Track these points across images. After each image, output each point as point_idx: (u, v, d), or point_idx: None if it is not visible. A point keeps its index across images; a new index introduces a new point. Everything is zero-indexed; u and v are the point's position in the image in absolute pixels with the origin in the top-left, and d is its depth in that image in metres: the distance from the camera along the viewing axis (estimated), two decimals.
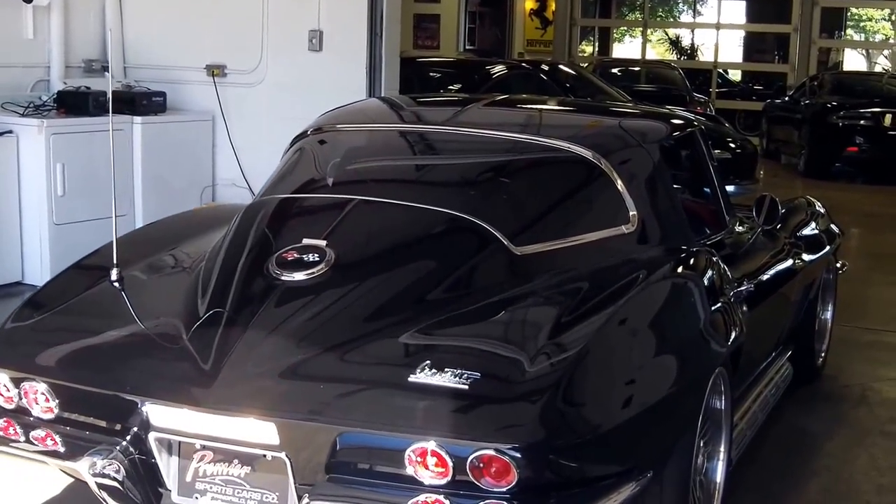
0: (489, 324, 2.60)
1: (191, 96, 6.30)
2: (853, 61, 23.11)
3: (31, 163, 5.39)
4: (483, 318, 2.61)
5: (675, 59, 21.79)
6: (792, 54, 17.27)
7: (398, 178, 3.42)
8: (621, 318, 2.63)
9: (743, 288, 3.28)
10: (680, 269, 3.03)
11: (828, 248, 4.49)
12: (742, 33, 21.18)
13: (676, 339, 2.78)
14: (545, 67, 10.22)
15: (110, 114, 3.50)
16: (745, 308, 3.23)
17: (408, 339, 2.50)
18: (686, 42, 22.95)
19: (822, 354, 4.68)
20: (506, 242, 2.85)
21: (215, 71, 6.24)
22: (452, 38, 14.21)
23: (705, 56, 21.05)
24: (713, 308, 2.96)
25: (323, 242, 2.79)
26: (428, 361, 2.34)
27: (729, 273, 3.21)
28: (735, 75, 20.31)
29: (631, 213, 3.09)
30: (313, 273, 2.68)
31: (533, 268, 2.83)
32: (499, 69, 9.24)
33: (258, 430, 2.36)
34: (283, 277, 2.68)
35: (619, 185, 3.11)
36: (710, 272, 3.07)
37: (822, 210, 4.77)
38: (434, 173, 3.44)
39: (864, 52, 24.65)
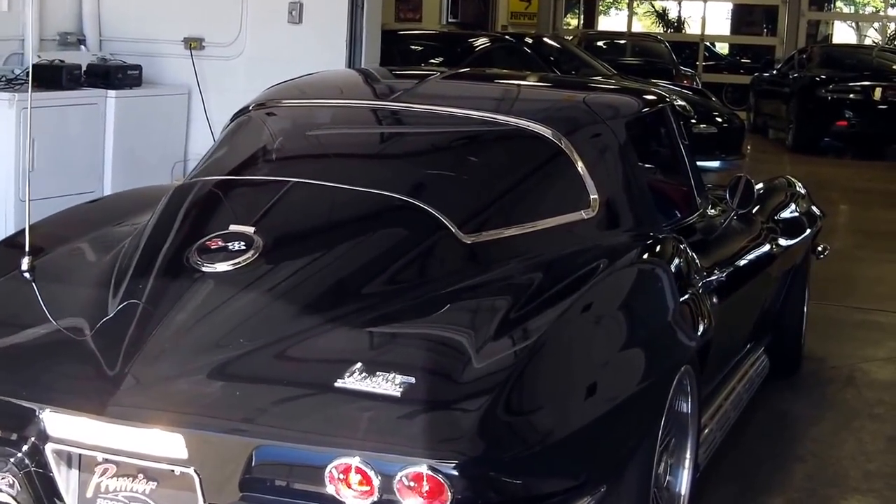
0: (430, 321, 2.41)
1: (167, 70, 6.24)
2: (843, 34, 23.14)
3: (1, 137, 5.33)
4: (424, 314, 2.43)
5: (662, 31, 21.77)
6: (780, 27, 17.29)
7: (340, 159, 3.22)
8: (577, 312, 2.48)
9: (713, 277, 3.15)
10: (644, 258, 2.88)
11: (808, 231, 4.35)
12: (730, 6, 21.15)
13: (638, 335, 2.60)
14: (529, 40, 10.19)
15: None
16: (715, 299, 3.09)
17: (337, 338, 2.32)
18: (673, 14, 22.94)
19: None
20: (453, 229, 2.67)
21: (193, 44, 6.18)
22: (435, 10, 14.10)
23: (692, 29, 21.05)
24: (680, 300, 2.82)
25: (251, 229, 2.59)
26: (359, 364, 2.16)
27: (698, 261, 3.07)
28: (722, 48, 20.33)
29: (592, 197, 2.93)
30: (238, 263, 2.48)
31: (483, 257, 2.67)
32: (482, 42, 9.22)
33: (165, 443, 2.16)
34: (203, 268, 2.49)
35: (580, 166, 2.96)
36: (677, 260, 2.93)
37: (803, 191, 4.65)
38: (379, 153, 3.26)
39: (853, 24, 24.70)
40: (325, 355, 2.30)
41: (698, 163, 11.37)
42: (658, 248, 2.95)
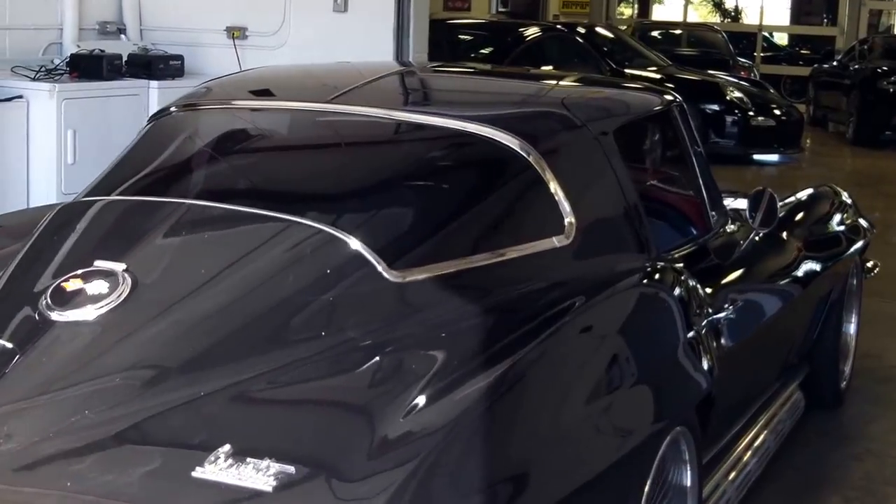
0: (329, 387, 1.95)
1: (210, 60, 6.18)
2: None
3: (41, 129, 5.31)
4: (322, 377, 1.96)
5: (719, 21, 21.44)
6: (841, 16, 16.92)
7: (253, 174, 2.71)
8: (527, 371, 1.95)
9: (724, 313, 2.65)
10: (630, 294, 2.41)
11: (854, 247, 3.84)
12: None
13: (614, 395, 2.10)
14: (581, 30, 10.06)
15: None
16: (726, 338, 2.63)
17: (206, 411, 1.86)
18: (730, 4, 22.58)
19: (846, 377, 4.01)
20: (379, 266, 2.15)
21: (236, 33, 6.12)
22: None
23: (750, 18, 20.70)
24: (675, 346, 2.37)
25: (121, 266, 2.14)
26: (227, 447, 1.71)
27: (705, 293, 2.62)
28: (781, 39, 19.96)
29: (566, 221, 2.40)
30: (100, 308, 2.04)
31: (415, 300, 2.15)
32: (532, 32, 9.08)
33: None
34: (53, 316, 2.05)
35: (551, 182, 2.43)
36: (674, 295, 2.47)
37: (850, 201, 4.12)
38: (300, 167, 2.73)
39: None
40: (183, 434, 1.83)
41: (756, 156, 11.14)
42: (650, 282, 2.50)
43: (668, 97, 3.14)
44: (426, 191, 2.53)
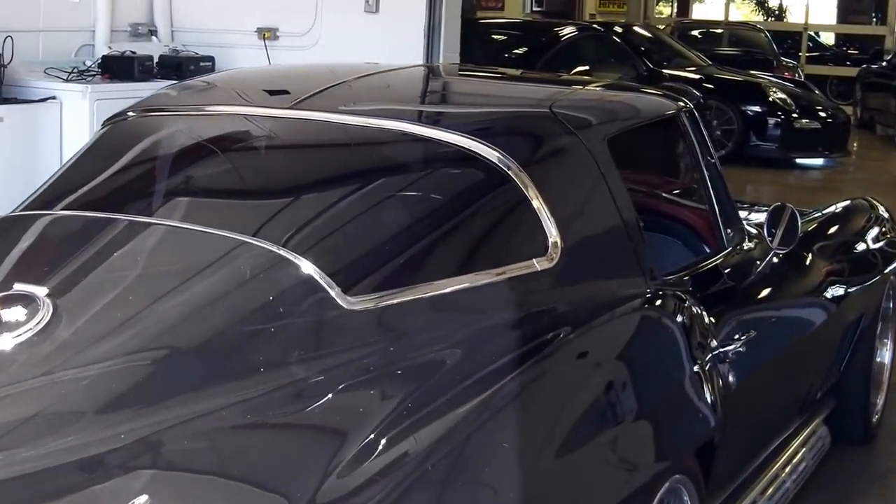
0: (269, 430, 1.76)
1: (241, 61, 6.30)
2: None
3: (74, 130, 5.47)
4: (261, 419, 1.76)
5: (762, 20, 21.35)
6: (891, 15, 16.79)
7: (199, 189, 2.51)
8: (497, 413, 1.79)
9: (731, 346, 2.46)
10: (621, 325, 2.22)
11: (890, 267, 3.61)
12: None
13: (597, 440, 1.94)
14: (618, 30, 10.12)
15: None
16: (732, 376, 2.45)
17: (120, 463, 1.65)
18: (774, 2, 22.46)
19: (878, 410, 3.75)
20: (332, 292, 1.96)
21: (266, 34, 6.25)
22: None
23: (795, 17, 20.57)
24: (671, 386, 2.21)
25: (42, 290, 1.96)
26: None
27: (711, 322, 2.44)
28: (827, 38, 19.83)
29: (551, 241, 2.20)
30: (17, 336, 1.87)
31: (373, 330, 1.96)
32: (568, 31, 9.16)
33: None
34: None
35: (534, 197, 2.23)
36: (673, 326, 2.30)
37: (887, 215, 3.88)
38: (251, 181, 2.53)
39: None
40: (95, 492, 1.63)
41: (799, 160, 11.06)
42: (646, 310, 2.31)
43: (676, 102, 2.97)
44: (390, 207, 2.31)
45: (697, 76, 10.31)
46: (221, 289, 2.03)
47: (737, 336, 2.52)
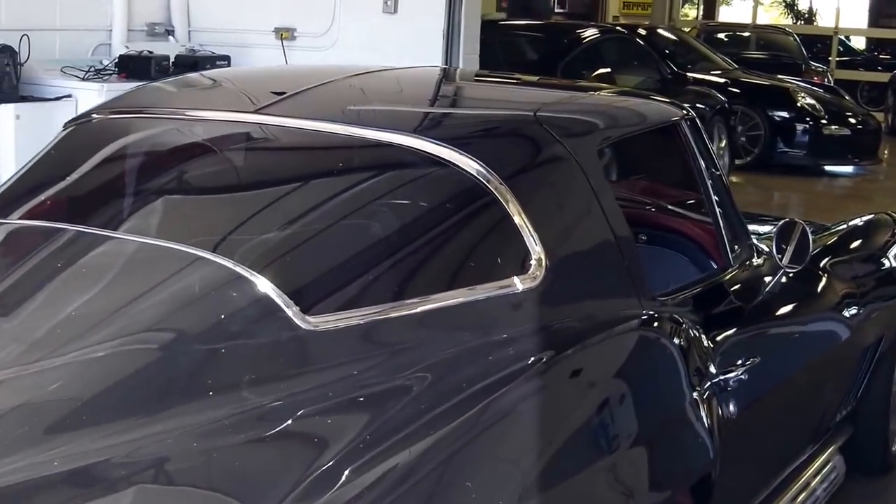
0: (219, 460, 1.63)
1: (257, 61, 6.37)
2: None
3: None
4: (209, 449, 1.63)
5: (791, 23, 21.29)
6: None
7: (156, 199, 2.36)
8: (463, 446, 1.69)
9: (734, 372, 2.34)
10: (607, 350, 2.08)
11: None
12: None
13: (575, 483, 1.81)
14: (642, 32, 10.11)
15: None
16: (733, 404, 2.32)
17: (49, 499, 1.53)
18: (803, 5, 22.39)
19: None
20: (289, 311, 1.84)
21: (284, 34, 6.30)
22: None
23: (825, 20, 20.51)
24: (663, 417, 2.09)
25: None
26: None
27: (711, 346, 2.34)
28: (858, 42, 19.75)
29: (534, 258, 2.06)
30: None
31: (333, 353, 1.85)
32: (590, 34, 9.17)
33: None
34: None
35: (515, 211, 2.10)
36: (667, 350, 2.20)
37: None
38: (211, 190, 2.41)
39: None
40: None
41: (828, 167, 10.91)
42: (638, 333, 2.18)
43: (676, 109, 2.82)
44: (358, 221, 2.18)
45: (723, 80, 10.29)
46: (169, 307, 1.92)
47: (741, 361, 2.40)
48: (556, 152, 2.31)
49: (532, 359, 1.90)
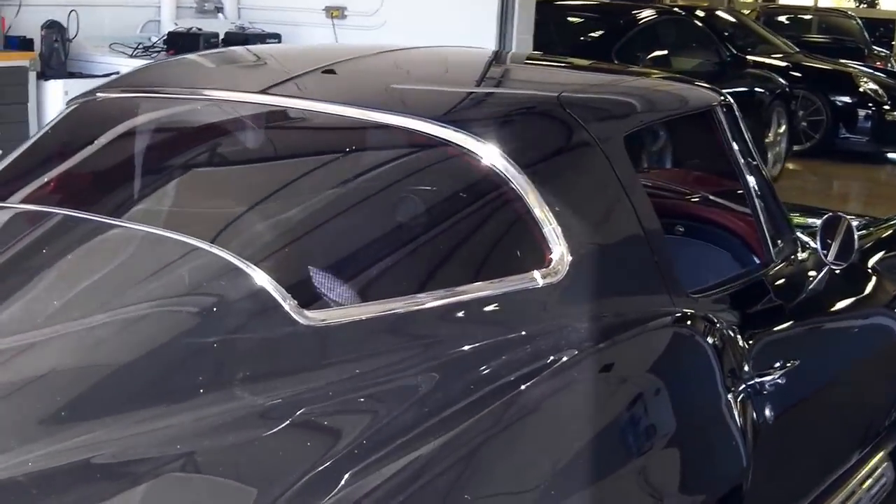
0: (211, 461, 1.54)
1: (307, 39, 6.37)
2: None
3: None
4: (199, 449, 1.54)
5: (853, 6, 20.92)
6: None
7: (154, 184, 2.28)
8: (476, 449, 1.60)
9: (772, 375, 2.22)
10: (634, 349, 1.98)
11: None
12: None
13: (599, 489, 1.72)
14: (700, 14, 9.96)
15: None
16: (770, 408, 2.20)
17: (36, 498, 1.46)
18: None
19: None
20: (285, 304, 1.73)
21: (334, 13, 6.29)
22: None
23: (888, 4, 20.12)
24: (694, 422, 1.99)
25: None
26: None
27: (748, 346, 2.22)
28: None
29: (555, 253, 1.94)
30: None
31: (334, 350, 1.76)
32: (647, 15, 9.04)
33: None
34: None
35: (535, 202, 1.98)
36: (700, 351, 2.10)
37: None
38: (212, 176, 2.33)
39: None
40: None
41: (891, 154, 10.65)
42: (668, 332, 2.07)
43: (711, 94, 2.67)
44: (365, 211, 2.07)
45: (784, 64, 10.11)
46: (161, 300, 1.81)
47: (780, 362, 2.27)
48: (581, 138, 2.17)
49: (551, 357, 1.79)
